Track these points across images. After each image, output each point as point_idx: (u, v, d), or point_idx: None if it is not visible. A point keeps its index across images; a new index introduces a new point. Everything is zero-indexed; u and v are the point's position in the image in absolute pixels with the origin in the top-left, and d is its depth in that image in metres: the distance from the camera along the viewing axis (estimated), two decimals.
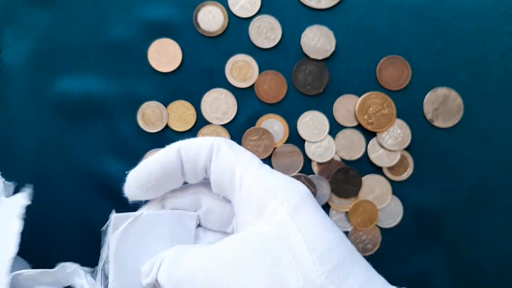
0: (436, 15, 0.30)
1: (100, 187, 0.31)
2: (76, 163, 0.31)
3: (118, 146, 0.31)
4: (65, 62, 0.31)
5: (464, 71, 0.30)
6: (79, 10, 0.30)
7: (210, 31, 0.30)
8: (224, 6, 0.30)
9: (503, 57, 0.30)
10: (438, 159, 0.30)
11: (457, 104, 0.30)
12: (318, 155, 0.30)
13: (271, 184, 0.20)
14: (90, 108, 0.31)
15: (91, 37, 0.31)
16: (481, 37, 0.30)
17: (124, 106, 0.31)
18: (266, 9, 0.30)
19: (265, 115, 0.30)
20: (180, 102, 0.30)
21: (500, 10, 0.30)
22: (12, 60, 0.31)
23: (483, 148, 0.30)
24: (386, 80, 0.30)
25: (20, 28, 0.31)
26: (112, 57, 0.30)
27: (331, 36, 0.30)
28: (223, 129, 0.30)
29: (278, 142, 0.30)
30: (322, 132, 0.30)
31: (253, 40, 0.30)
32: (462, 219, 0.30)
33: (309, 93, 0.30)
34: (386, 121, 0.30)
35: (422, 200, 0.30)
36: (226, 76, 0.30)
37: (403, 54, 0.30)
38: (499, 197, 0.30)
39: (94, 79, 0.31)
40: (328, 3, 0.30)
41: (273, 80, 0.30)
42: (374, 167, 0.30)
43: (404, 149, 0.30)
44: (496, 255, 0.30)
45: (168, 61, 0.30)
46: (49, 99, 0.31)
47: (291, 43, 0.30)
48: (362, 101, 0.30)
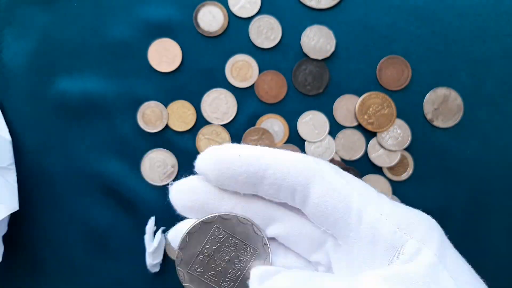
0: (436, 15, 0.30)
1: (100, 187, 0.31)
2: (76, 163, 0.31)
3: (118, 146, 0.31)
4: (65, 62, 0.31)
5: (464, 71, 0.30)
6: (79, 10, 0.30)
7: (210, 31, 0.30)
8: (224, 6, 0.30)
9: (503, 57, 0.30)
10: (438, 159, 0.30)
11: (457, 104, 0.30)
12: (318, 155, 0.30)
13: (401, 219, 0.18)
14: (90, 108, 0.31)
15: (91, 37, 0.31)
16: (481, 37, 0.30)
17: (124, 106, 0.31)
18: (266, 9, 0.30)
19: (265, 115, 0.30)
20: (180, 102, 0.30)
21: (500, 10, 0.30)
22: (12, 60, 0.31)
23: (483, 148, 0.30)
24: (386, 80, 0.30)
25: (20, 28, 0.31)
26: (112, 57, 0.31)
27: (331, 36, 0.30)
28: (223, 129, 0.30)
29: (278, 142, 0.30)
30: (322, 132, 0.30)
31: (253, 40, 0.30)
32: (462, 219, 0.30)
33: (309, 93, 0.30)
34: (386, 121, 0.30)
35: (422, 200, 0.30)
36: (226, 76, 0.30)
37: (403, 54, 0.30)
38: (499, 197, 0.30)
39: (94, 79, 0.31)
40: (328, 3, 0.30)
41: (273, 80, 0.30)
42: (374, 167, 0.30)
43: (404, 149, 0.30)
44: (496, 255, 0.30)
45: (168, 61, 0.30)
46: (49, 99, 0.31)
47: (291, 43, 0.30)
48: (362, 101, 0.30)
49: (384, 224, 0.17)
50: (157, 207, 0.31)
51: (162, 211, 0.31)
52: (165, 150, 0.30)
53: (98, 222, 0.31)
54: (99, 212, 0.31)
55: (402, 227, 0.17)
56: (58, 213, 0.31)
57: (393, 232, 0.17)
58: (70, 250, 0.31)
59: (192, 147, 0.30)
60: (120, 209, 0.31)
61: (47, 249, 0.31)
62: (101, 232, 0.31)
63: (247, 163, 0.18)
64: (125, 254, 0.31)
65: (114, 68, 0.31)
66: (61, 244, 0.31)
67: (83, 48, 0.31)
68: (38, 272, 0.31)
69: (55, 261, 0.31)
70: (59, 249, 0.31)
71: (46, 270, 0.31)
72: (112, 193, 0.31)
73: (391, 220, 0.17)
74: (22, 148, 0.31)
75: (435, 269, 0.17)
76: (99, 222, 0.31)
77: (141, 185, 0.31)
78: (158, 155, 0.30)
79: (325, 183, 0.18)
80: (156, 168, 0.30)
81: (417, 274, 0.16)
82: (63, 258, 0.31)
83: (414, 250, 0.17)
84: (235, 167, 0.18)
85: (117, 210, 0.31)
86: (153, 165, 0.30)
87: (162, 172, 0.30)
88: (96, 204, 0.31)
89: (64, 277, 0.31)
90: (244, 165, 0.18)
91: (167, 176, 0.31)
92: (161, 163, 0.30)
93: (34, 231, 0.31)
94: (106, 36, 0.30)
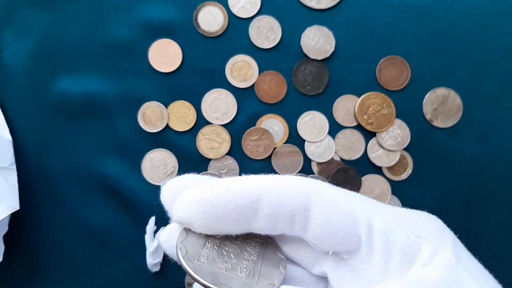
0: (435, 15, 0.30)
1: (100, 187, 0.31)
2: (76, 163, 0.31)
3: (118, 146, 0.31)
4: (66, 62, 0.31)
5: (463, 71, 0.30)
6: (79, 11, 0.31)
7: (210, 31, 0.30)
8: (224, 6, 0.30)
9: (503, 57, 0.30)
10: (438, 159, 0.30)
11: (456, 104, 0.30)
12: (318, 155, 0.30)
13: (411, 223, 0.17)
14: (90, 108, 0.31)
15: (91, 37, 0.31)
16: (480, 37, 0.30)
17: (124, 106, 0.31)
18: (266, 9, 0.30)
19: (265, 115, 0.30)
20: (180, 102, 0.30)
21: (500, 10, 0.30)
22: (12, 60, 0.31)
23: (483, 148, 0.30)
24: (385, 80, 0.30)
25: (20, 28, 0.31)
26: (112, 57, 0.31)
27: (330, 36, 0.30)
28: (223, 129, 0.30)
29: (278, 142, 0.30)
30: (322, 132, 0.30)
31: (253, 40, 0.30)
32: (461, 219, 0.30)
33: (309, 93, 0.30)
34: (386, 121, 0.30)
35: (422, 200, 0.30)
36: (226, 76, 0.30)
37: (402, 55, 0.30)
38: (498, 197, 0.30)
39: (94, 79, 0.31)
40: (328, 3, 0.30)
41: (273, 80, 0.30)
42: (374, 167, 0.30)
43: (403, 149, 0.30)
44: (495, 255, 0.30)
45: (168, 62, 0.30)
46: (49, 99, 0.31)
47: (291, 43, 0.30)
48: (362, 101, 0.30)
49: (396, 230, 0.16)
50: (158, 207, 0.31)
51: (162, 211, 0.31)
52: (165, 150, 0.31)
53: (99, 222, 0.31)
54: (100, 212, 0.31)
55: (414, 230, 0.17)
56: (59, 213, 0.31)
57: (406, 237, 0.16)
58: (70, 249, 0.31)
59: (192, 147, 0.31)
60: (121, 209, 0.31)
61: (47, 249, 0.31)
62: (101, 231, 0.31)
63: (238, 196, 0.16)
64: (126, 254, 0.31)
65: (114, 68, 0.31)
66: (62, 244, 0.31)
67: (84, 48, 0.31)
68: (39, 272, 0.32)
69: (55, 260, 0.31)
70: (59, 248, 0.31)
71: (46, 270, 0.32)
72: (113, 193, 0.31)
73: (402, 224, 0.17)
74: (23, 148, 0.31)
75: (455, 270, 0.16)
76: (100, 222, 0.31)
77: (141, 185, 0.31)
78: (158, 155, 0.31)
79: (325, 200, 0.16)
80: (156, 168, 0.31)
81: (438, 277, 0.16)
82: (63, 258, 0.31)
83: (431, 253, 0.16)
84: (223, 204, 0.16)
85: (117, 210, 0.31)
86: (154, 164, 0.31)
87: (162, 172, 0.31)
88: (96, 204, 0.31)
89: (65, 276, 0.31)
90: (235, 200, 0.16)
91: (167, 176, 0.31)
92: (161, 163, 0.31)
93: (34, 231, 0.31)
94: (107, 36, 0.30)
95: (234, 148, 0.31)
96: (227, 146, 0.30)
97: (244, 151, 0.30)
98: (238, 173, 0.30)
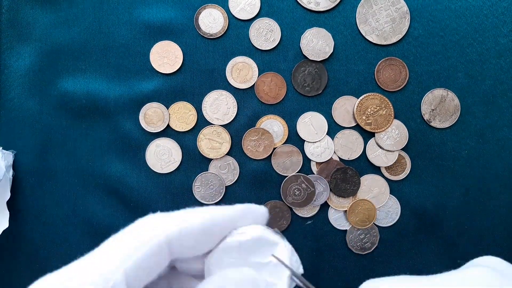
0: (433, 17, 0.30)
1: (102, 186, 0.31)
2: (79, 162, 0.31)
3: (120, 146, 0.31)
4: (68, 64, 0.31)
5: (461, 72, 0.30)
6: (82, 12, 0.31)
7: (211, 33, 0.30)
8: (224, 8, 0.30)
9: (500, 58, 0.30)
10: (435, 159, 0.30)
11: (454, 104, 0.30)
12: (317, 155, 0.31)
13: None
14: (93, 108, 0.31)
15: (93, 39, 0.31)
16: (478, 38, 0.30)
17: (126, 106, 0.31)
18: (266, 11, 0.30)
19: (265, 116, 0.31)
20: (182, 103, 0.31)
21: (497, 12, 0.30)
22: (16, 61, 0.31)
23: (480, 148, 0.30)
24: (384, 81, 0.30)
25: (23, 29, 0.31)
26: (114, 59, 0.31)
27: (329, 38, 0.30)
28: (224, 130, 0.31)
29: (278, 142, 0.31)
30: (321, 132, 0.31)
31: (253, 42, 0.30)
32: (458, 217, 0.31)
33: (308, 94, 0.31)
34: (384, 121, 0.30)
35: (420, 199, 0.31)
36: (227, 77, 0.31)
37: (400, 56, 0.30)
38: (494, 196, 0.30)
39: (96, 80, 0.31)
40: (326, 5, 0.30)
41: (272, 81, 0.31)
42: (372, 167, 0.31)
43: (401, 149, 0.30)
44: (492, 252, 0.31)
45: (169, 63, 0.31)
46: (52, 99, 0.31)
47: (290, 45, 0.30)
48: (361, 102, 0.30)
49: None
50: (160, 205, 0.31)
51: (164, 209, 0.31)
52: (173, 140, 0.31)
53: (100, 220, 0.31)
54: (101, 210, 0.31)
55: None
56: (60, 211, 0.31)
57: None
58: (72, 247, 0.31)
59: (193, 147, 0.31)
60: (122, 207, 0.31)
61: (48, 245, 0.32)
62: (102, 229, 0.31)
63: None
64: None
65: (116, 69, 0.31)
66: (63, 241, 0.32)
67: (86, 49, 0.31)
68: (40, 270, 0.32)
69: (56, 258, 0.32)
70: (60, 246, 0.32)
71: (47, 267, 0.31)
72: (114, 192, 0.31)
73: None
74: (26, 147, 0.31)
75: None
76: (101, 220, 0.31)
77: (142, 183, 0.31)
78: (166, 143, 0.31)
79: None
80: (160, 156, 0.31)
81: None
82: (64, 256, 0.32)
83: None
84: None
85: (118, 208, 0.31)
86: (159, 152, 0.31)
87: (165, 161, 0.31)
88: (98, 203, 0.31)
89: None
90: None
91: (168, 166, 0.31)
92: (166, 151, 0.31)
93: (36, 229, 0.31)
94: (109, 38, 0.31)
95: (234, 148, 0.31)
96: (227, 146, 0.31)
97: (244, 151, 0.31)
98: (238, 173, 0.31)
